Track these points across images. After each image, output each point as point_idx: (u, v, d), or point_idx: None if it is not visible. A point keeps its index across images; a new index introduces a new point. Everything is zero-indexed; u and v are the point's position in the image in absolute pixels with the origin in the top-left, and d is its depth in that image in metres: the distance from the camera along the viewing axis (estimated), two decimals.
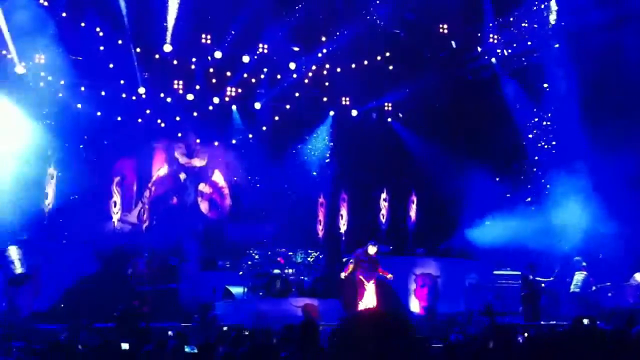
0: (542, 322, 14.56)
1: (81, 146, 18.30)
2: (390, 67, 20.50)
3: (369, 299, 14.23)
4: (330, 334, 2.10)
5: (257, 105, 20.29)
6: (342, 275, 14.67)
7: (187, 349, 7.54)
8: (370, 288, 14.36)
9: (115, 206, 17.67)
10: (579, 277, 15.72)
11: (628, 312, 13.63)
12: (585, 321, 8.33)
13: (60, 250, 14.95)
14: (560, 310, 16.11)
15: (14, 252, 13.28)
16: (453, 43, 20.03)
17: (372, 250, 14.48)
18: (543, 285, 15.47)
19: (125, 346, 7.49)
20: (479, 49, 20.24)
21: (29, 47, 16.83)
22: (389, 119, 21.46)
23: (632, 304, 14.77)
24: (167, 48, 18.25)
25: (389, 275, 14.78)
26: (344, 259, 16.15)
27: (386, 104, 21.38)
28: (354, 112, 21.02)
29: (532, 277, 15.31)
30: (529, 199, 18.86)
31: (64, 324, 11.24)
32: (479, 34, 19.99)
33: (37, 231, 15.97)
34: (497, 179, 19.15)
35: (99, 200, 18.70)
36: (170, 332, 11.21)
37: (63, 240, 16.62)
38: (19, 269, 13.42)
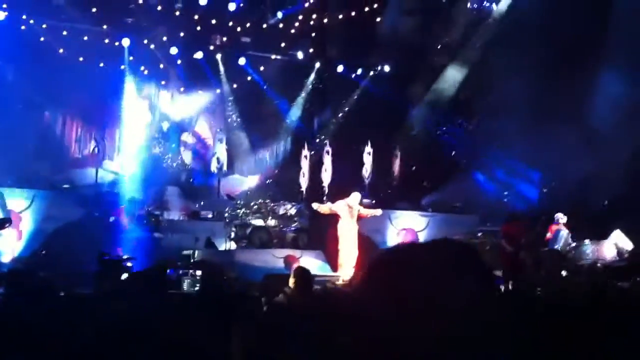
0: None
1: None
2: (378, 19, 20.21)
3: (350, 251, 14.11)
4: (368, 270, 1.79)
5: (242, 61, 20.05)
6: (314, 205, 14.57)
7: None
8: (351, 239, 14.06)
9: (97, 153, 17.53)
10: (558, 233, 15.42)
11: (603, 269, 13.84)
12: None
13: (42, 196, 14.82)
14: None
15: None
16: None
17: (354, 199, 14.15)
18: (523, 241, 14.92)
19: None
20: None
21: None
22: (372, 73, 21.27)
23: (609, 261, 14.57)
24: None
25: (378, 212, 14.77)
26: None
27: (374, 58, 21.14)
28: (340, 68, 20.82)
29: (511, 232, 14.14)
30: None
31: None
32: None
33: (20, 176, 15.86)
34: None
35: (82, 147, 18.59)
36: None
37: (45, 185, 16.51)
38: (0, 213, 13.32)
